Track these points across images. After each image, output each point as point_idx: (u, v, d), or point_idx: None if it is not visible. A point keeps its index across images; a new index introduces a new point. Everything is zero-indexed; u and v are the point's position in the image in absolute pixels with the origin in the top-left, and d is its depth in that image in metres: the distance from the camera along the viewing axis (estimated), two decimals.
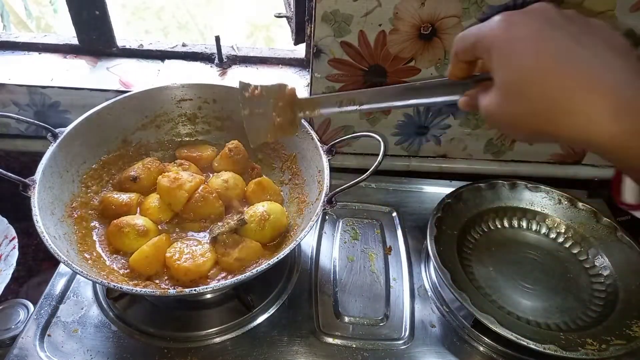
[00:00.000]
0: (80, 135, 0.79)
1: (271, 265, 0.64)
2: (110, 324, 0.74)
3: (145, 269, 0.71)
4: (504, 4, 0.79)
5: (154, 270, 0.72)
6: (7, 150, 1.03)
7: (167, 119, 0.90)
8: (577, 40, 0.35)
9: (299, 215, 0.79)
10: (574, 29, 0.36)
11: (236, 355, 0.71)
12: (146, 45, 1.02)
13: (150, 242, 0.73)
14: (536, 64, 0.35)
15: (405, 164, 1.04)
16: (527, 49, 0.36)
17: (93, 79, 0.95)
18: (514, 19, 0.37)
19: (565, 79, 0.34)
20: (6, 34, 1.04)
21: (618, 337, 0.70)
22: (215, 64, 1.01)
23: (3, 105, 0.96)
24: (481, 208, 0.90)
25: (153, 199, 0.79)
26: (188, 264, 0.70)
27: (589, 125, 0.34)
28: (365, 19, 0.81)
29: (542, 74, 0.35)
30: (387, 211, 0.96)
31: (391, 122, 0.96)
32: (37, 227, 0.64)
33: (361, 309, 0.78)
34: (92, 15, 0.94)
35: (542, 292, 0.79)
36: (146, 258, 0.71)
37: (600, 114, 0.33)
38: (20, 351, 0.70)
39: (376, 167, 0.70)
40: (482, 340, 0.74)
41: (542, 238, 0.89)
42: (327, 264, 0.85)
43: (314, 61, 0.87)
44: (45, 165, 0.72)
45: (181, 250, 0.72)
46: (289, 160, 0.86)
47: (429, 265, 0.84)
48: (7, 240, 0.85)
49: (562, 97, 0.34)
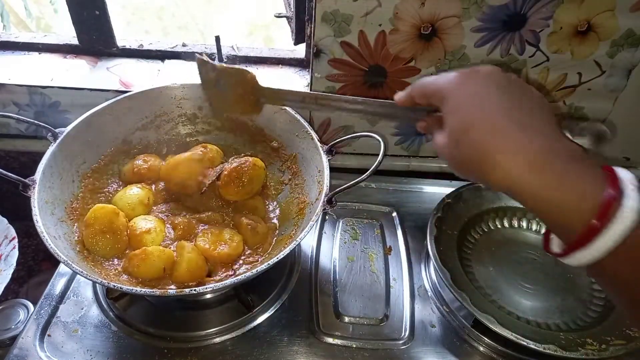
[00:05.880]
0: (80, 135, 0.79)
1: (271, 265, 0.64)
2: (110, 324, 0.74)
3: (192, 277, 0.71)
4: (504, 4, 0.79)
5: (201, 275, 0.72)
6: (7, 150, 1.03)
7: (167, 119, 0.90)
8: (518, 102, 0.42)
9: (299, 216, 0.79)
10: (517, 92, 0.43)
11: (236, 355, 0.71)
12: (146, 45, 1.02)
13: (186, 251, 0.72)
14: (476, 117, 0.41)
15: (405, 164, 1.04)
16: (473, 104, 0.42)
17: (93, 79, 0.95)
18: (468, 77, 0.44)
19: (495, 133, 0.40)
20: (6, 34, 1.04)
21: (618, 337, 0.71)
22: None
23: (3, 105, 0.95)
24: (481, 208, 0.90)
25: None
26: (226, 249, 0.73)
27: (508, 178, 0.39)
28: (365, 19, 0.81)
29: (478, 127, 0.41)
30: (387, 211, 0.96)
31: (391, 122, 0.96)
32: (37, 227, 0.64)
33: (361, 309, 0.78)
34: (92, 15, 0.94)
35: (542, 292, 0.79)
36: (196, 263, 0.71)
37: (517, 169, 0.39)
38: (20, 351, 0.70)
39: (376, 167, 0.70)
40: (482, 340, 0.74)
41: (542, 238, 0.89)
42: (327, 264, 0.85)
43: (314, 61, 0.87)
44: (45, 165, 0.72)
45: (212, 241, 0.74)
46: (289, 160, 0.86)
47: (429, 265, 0.84)
48: (7, 240, 0.85)
49: (489, 149, 0.40)
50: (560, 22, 0.82)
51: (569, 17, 0.81)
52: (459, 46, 0.84)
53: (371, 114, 0.54)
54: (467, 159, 0.42)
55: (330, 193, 0.71)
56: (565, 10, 0.80)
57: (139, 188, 0.80)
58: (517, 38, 0.83)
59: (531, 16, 0.81)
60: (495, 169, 0.40)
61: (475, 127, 0.41)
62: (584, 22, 0.82)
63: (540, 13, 0.80)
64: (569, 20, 0.81)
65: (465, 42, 0.84)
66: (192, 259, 0.70)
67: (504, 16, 0.80)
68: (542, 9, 0.80)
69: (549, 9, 0.80)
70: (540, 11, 0.80)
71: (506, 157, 0.39)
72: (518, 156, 0.39)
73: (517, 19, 0.81)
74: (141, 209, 0.79)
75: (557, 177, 0.38)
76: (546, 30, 0.83)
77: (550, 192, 0.38)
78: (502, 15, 0.80)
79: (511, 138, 0.39)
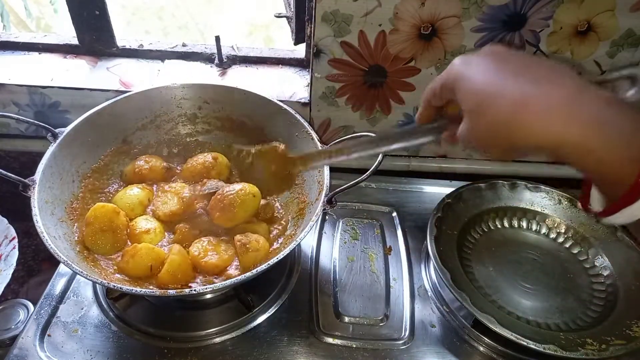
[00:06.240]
0: (80, 135, 0.79)
1: (271, 265, 0.64)
2: (110, 324, 0.74)
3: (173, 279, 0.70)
4: (504, 4, 0.79)
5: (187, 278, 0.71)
6: (7, 150, 1.03)
7: (167, 119, 0.90)
8: (528, 65, 0.41)
9: (299, 216, 0.79)
10: (520, 62, 0.42)
11: (236, 355, 0.71)
12: (146, 45, 1.02)
13: (173, 252, 0.71)
14: (489, 89, 0.40)
15: (405, 164, 1.04)
16: (482, 79, 0.41)
17: (93, 79, 0.95)
18: (471, 59, 0.44)
19: (515, 97, 0.39)
20: (6, 34, 1.03)
21: (618, 337, 0.71)
22: (215, 64, 1.01)
23: (3, 105, 0.96)
24: (481, 208, 0.90)
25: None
26: (214, 259, 0.71)
27: (546, 134, 0.38)
28: (365, 19, 0.81)
29: (494, 97, 0.40)
30: (387, 211, 0.96)
31: (391, 122, 0.96)
32: (37, 227, 0.64)
33: (361, 309, 0.78)
34: (92, 15, 0.94)
35: (542, 292, 0.79)
36: (179, 266, 0.70)
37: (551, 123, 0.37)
38: (20, 351, 0.70)
39: (376, 167, 0.70)
40: (482, 340, 0.74)
41: (542, 238, 0.89)
42: (327, 264, 0.85)
43: (314, 61, 0.87)
44: (45, 165, 0.72)
45: (204, 249, 0.72)
46: None
47: (429, 265, 0.84)
48: (7, 240, 0.85)
49: (516, 114, 0.38)
50: (560, 22, 0.82)
51: (569, 17, 0.81)
52: (459, 46, 0.84)
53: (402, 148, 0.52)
54: (491, 129, 0.41)
55: (330, 193, 0.71)
56: (565, 10, 0.80)
57: (140, 188, 0.80)
58: (517, 38, 0.83)
59: (531, 16, 0.81)
60: (531, 133, 0.38)
61: (494, 99, 0.40)
62: (584, 22, 0.82)
63: (540, 13, 0.80)
64: (569, 20, 0.81)
65: (465, 42, 0.84)
66: (174, 260, 0.69)
67: (504, 16, 0.80)
68: (542, 9, 0.80)
69: (549, 9, 0.80)
70: (540, 11, 0.80)
71: (537, 115, 0.37)
72: (551, 113, 0.37)
73: (517, 19, 0.81)
74: (141, 209, 0.79)
75: (597, 124, 0.35)
76: (546, 30, 0.83)
77: (591, 140, 0.35)
78: (502, 15, 0.80)
79: (536, 96, 0.38)
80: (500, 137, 0.40)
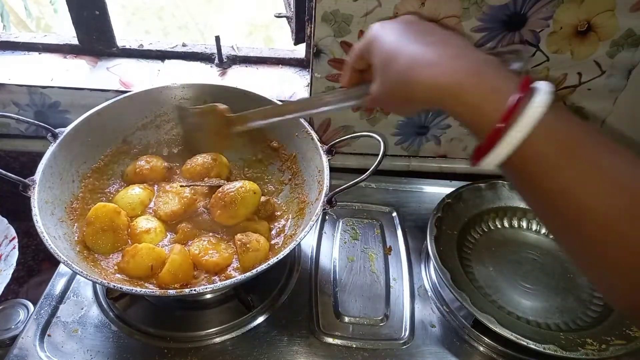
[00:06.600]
0: (80, 135, 0.79)
1: (271, 265, 0.64)
2: (110, 324, 0.74)
3: (174, 279, 0.70)
4: (504, 4, 0.79)
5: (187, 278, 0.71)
6: (7, 150, 1.03)
7: (167, 119, 0.90)
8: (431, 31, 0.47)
9: (299, 216, 0.79)
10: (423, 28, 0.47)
11: (236, 355, 0.71)
12: (146, 45, 1.02)
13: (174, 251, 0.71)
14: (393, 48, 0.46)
15: (405, 164, 1.04)
16: (390, 40, 0.47)
17: (93, 79, 0.95)
18: (385, 24, 0.49)
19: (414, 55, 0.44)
20: (6, 34, 1.03)
21: (618, 337, 0.71)
22: (215, 64, 1.01)
23: (3, 105, 0.96)
24: (481, 208, 0.90)
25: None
26: (215, 258, 0.71)
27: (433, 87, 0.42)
28: (365, 19, 0.81)
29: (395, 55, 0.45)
30: (387, 211, 0.96)
31: (391, 121, 0.96)
32: (37, 227, 0.64)
33: (361, 309, 0.78)
34: (92, 15, 0.94)
35: (542, 292, 0.79)
36: (180, 266, 0.70)
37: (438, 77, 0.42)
38: (20, 351, 0.70)
39: (376, 167, 0.70)
40: (482, 340, 0.74)
41: (542, 238, 0.89)
42: (327, 264, 0.85)
43: (314, 61, 0.87)
44: (45, 165, 0.72)
45: (205, 248, 0.72)
46: (289, 160, 0.86)
47: (429, 265, 0.84)
48: (7, 240, 0.85)
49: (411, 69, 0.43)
50: (560, 22, 0.82)
51: (569, 17, 0.81)
52: None
53: (333, 109, 0.57)
54: (394, 87, 0.46)
55: (330, 193, 0.71)
56: (565, 10, 0.80)
57: (141, 188, 0.80)
58: (517, 38, 0.83)
59: (531, 16, 0.81)
60: (420, 84, 0.43)
61: (396, 56, 0.45)
62: (584, 22, 0.82)
63: (540, 13, 0.80)
64: (569, 20, 0.81)
65: None
66: (175, 260, 0.69)
67: (504, 16, 0.80)
68: (542, 9, 0.80)
69: (549, 9, 0.80)
70: (540, 11, 0.80)
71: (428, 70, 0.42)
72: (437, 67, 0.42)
73: (517, 19, 0.81)
74: (142, 209, 0.79)
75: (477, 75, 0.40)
76: (546, 30, 0.83)
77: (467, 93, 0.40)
78: (502, 15, 0.80)
79: (428, 54, 0.43)
80: (398, 92, 0.46)
